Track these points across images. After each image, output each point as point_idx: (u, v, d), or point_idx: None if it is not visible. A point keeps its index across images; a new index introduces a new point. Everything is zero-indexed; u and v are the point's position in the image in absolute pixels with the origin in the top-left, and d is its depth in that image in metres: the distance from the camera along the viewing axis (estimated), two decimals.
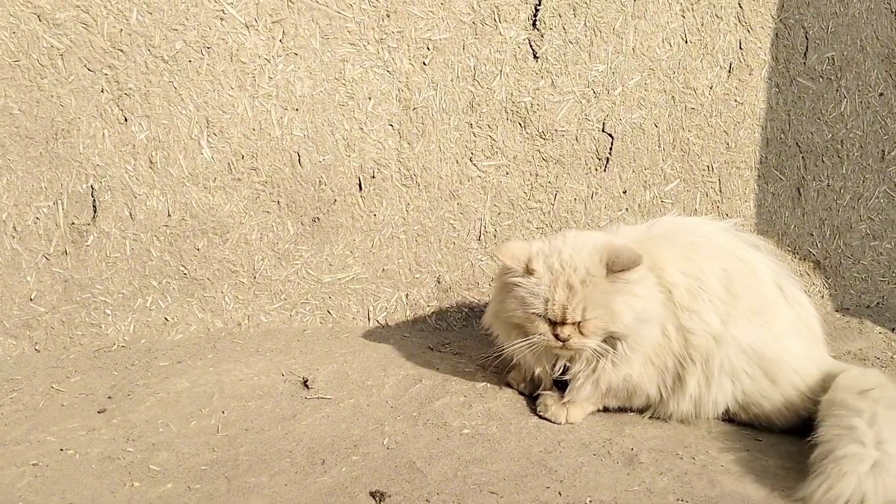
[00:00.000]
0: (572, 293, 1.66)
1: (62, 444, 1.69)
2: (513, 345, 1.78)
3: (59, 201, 2.16)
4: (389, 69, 2.32)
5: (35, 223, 2.15)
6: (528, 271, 1.72)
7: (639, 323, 1.70)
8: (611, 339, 1.72)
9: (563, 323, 1.68)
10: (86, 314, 2.20)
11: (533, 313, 1.70)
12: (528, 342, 1.74)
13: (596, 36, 2.41)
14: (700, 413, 1.81)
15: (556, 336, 1.69)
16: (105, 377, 2.02)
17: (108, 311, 2.21)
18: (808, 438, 1.58)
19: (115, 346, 2.20)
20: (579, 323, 1.68)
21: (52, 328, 2.18)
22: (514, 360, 1.87)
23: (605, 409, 1.90)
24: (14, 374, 2.05)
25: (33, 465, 1.59)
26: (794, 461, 1.65)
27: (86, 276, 2.19)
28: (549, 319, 1.69)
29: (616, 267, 1.66)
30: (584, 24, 2.40)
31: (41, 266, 2.16)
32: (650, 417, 1.87)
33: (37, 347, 2.17)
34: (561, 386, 1.86)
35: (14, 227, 2.13)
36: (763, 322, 1.78)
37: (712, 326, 1.75)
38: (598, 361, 1.74)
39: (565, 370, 1.80)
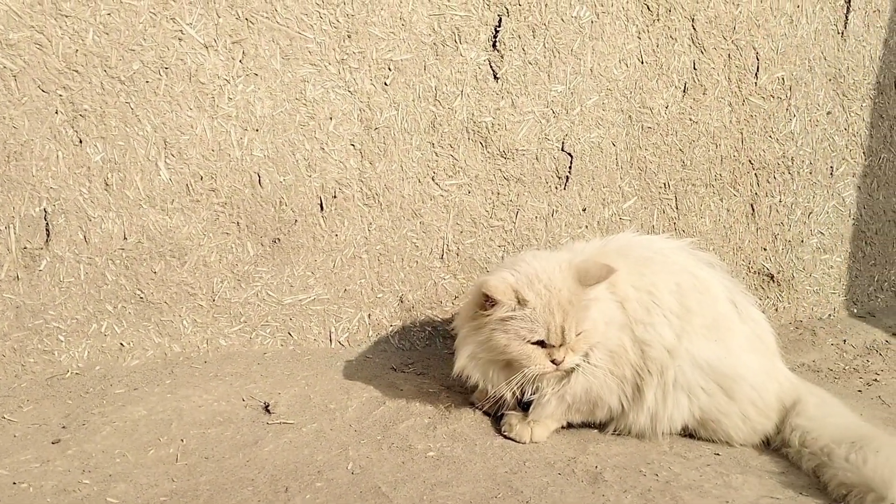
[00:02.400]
0: (564, 313, 1.69)
1: (15, 476, 1.63)
2: (505, 384, 1.78)
3: (10, 225, 2.09)
4: (351, 89, 2.32)
5: None
6: (521, 302, 1.71)
7: (607, 326, 1.76)
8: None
9: (561, 345, 1.71)
10: (38, 341, 2.13)
11: (533, 342, 1.71)
12: (521, 377, 1.74)
13: (555, 57, 2.45)
14: (656, 428, 1.83)
15: (553, 361, 1.72)
16: (59, 406, 1.96)
17: (62, 338, 2.15)
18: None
19: (69, 374, 2.14)
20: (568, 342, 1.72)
21: (3, 356, 2.10)
22: (481, 386, 1.87)
23: (569, 426, 1.91)
24: None
25: None
26: (755, 475, 1.68)
27: (38, 301, 2.13)
28: (548, 345, 1.71)
29: (590, 281, 1.71)
30: (543, 45, 2.43)
31: None
32: (613, 433, 1.89)
33: None
34: (523, 405, 1.87)
35: None
36: (717, 338, 1.81)
37: (666, 339, 1.78)
38: (569, 375, 1.77)
39: (535, 390, 1.81)
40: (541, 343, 1.72)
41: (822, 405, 1.81)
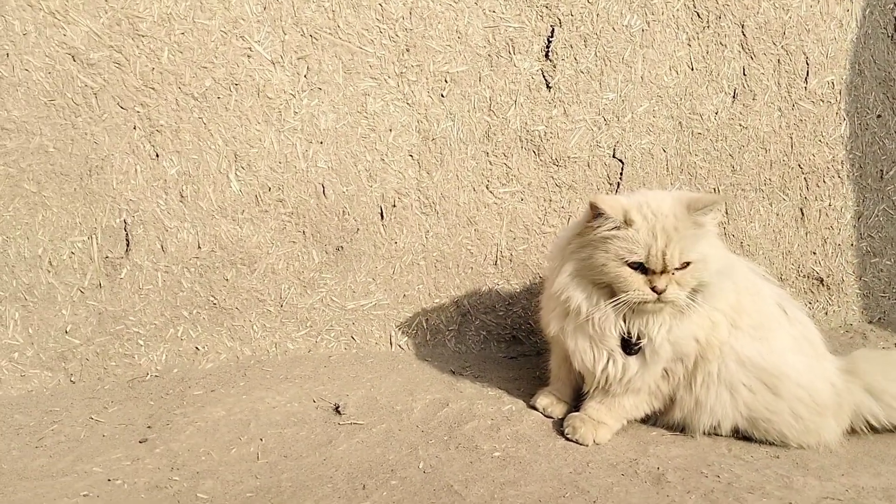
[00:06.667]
0: (668, 239, 1.69)
1: (109, 474, 1.74)
2: (598, 307, 1.78)
3: (93, 236, 2.22)
4: (409, 102, 2.40)
5: (70, 257, 2.21)
6: (627, 222, 1.72)
7: (719, 274, 1.76)
8: (692, 292, 1.76)
9: (663, 272, 1.70)
10: (119, 345, 2.26)
11: (631, 263, 1.72)
12: (616, 302, 1.75)
13: (606, 65, 2.50)
14: (699, 420, 1.89)
15: (653, 289, 1.70)
16: (142, 407, 2.08)
17: (141, 342, 2.27)
18: None
19: (149, 376, 2.26)
20: (674, 274, 1.72)
21: (87, 359, 2.23)
22: (574, 346, 1.86)
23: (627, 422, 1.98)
24: (52, 405, 2.10)
25: (84, 496, 1.65)
26: (815, 476, 1.73)
27: (119, 308, 2.25)
28: (648, 270, 1.71)
29: (699, 205, 1.71)
30: (595, 54, 2.49)
31: (76, 299, 2.22)
32: (661, 426, 1.97)
33: (72, 379, 2.22)
34: (577, 405, 1.94)
35: (49, 262, 2.19)
36: (762, 337, 1.86)
37: (722, 332, 1.84)
38: (672, 320, 1.77)
39: (635, 343, 1.81)
40: (641, 267, 1.72)
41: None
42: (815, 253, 2.76)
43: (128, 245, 2.25)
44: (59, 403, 2.11)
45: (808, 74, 2.66)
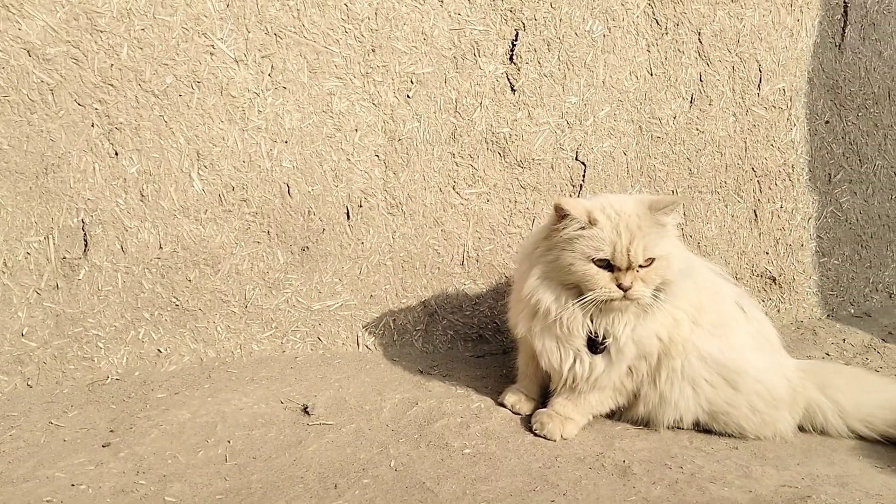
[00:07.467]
0: (632, 236, 1.75)
1: (72, 479, 1.70)
2: (566, 307, 1.82)
3: (49, 236, 2.16)
4: (375, 102, 2.40)
5: (26, 258, 2.14)
6: (591, 221, 1.77)
7: (681, 273, 1.82)
8: (655, 291, 1.81)
9: (628, 269, 1.75)
10: (78, 348, 2.20)
11: (598, 261, 1.77)
12: (583, 300, 1.79)
13: (569, 70, 2.55)
14: (663, 414, 1.95)
15: (620, 286, 1.75)
16: (103, 411, 2.03)
17: (101, 345, 2.22)
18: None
19: (109, 380, 2.20)
20: (638, 272, 1.77)
21: (45, 363, 2.17)
22: (541, 347, 1.90)
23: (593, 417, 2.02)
24: (9, 410, 2.03)
25: (47, 501, 1.60)
26: (772, 466, 1.79)
27: (77, 310, 2.19)
28: (613, 267, 1.76)
29: (660, 205, 1.78)
30: (558, 58, 2.53)
31: (32, 301, 2.15)
32: (625, 420, 2.02)
33: (29, 383, 2.15)
34: (544, 402, 1.97)
35: (4, 263, 2.12)
36: (722, 334, 1.93)
37: (684, 330, 1.90)
38: (637, 319, 1.83)
39: (601, 342, 1.86)
40: (607, 266, 1.77)
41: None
42: (767, 253, 2.86)
43: (86, 245, 2.19)
44: (16, 408, 2.04)
45: (760, 81, 2.76)
